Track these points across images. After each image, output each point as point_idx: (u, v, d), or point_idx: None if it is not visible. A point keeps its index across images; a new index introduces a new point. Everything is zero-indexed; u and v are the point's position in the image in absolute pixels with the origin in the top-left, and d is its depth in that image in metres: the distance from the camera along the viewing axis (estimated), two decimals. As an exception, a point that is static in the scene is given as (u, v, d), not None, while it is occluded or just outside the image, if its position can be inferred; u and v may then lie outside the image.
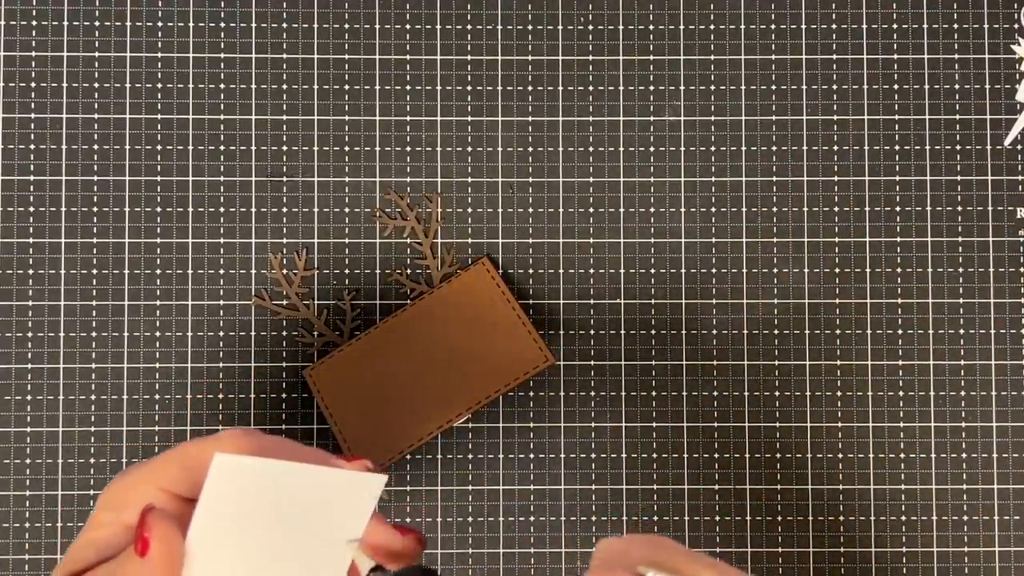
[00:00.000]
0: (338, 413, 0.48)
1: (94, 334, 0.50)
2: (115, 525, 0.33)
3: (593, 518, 0.50)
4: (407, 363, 0.49)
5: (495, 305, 0.49)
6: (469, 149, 0.51)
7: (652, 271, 0.51)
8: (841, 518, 0.50)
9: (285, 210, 0.50)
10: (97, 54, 0.50)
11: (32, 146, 0.50)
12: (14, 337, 0.49)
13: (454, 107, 0.51)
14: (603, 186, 0.51)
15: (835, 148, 0.51)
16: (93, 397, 0.49)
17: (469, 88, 0.51)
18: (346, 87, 0.51)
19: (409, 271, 0.50)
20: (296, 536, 0.31)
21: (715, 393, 0.50)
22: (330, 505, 0.31)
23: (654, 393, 0.50)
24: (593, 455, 0.50)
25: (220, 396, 0.50)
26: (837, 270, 0.51)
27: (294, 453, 0.33)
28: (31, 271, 0.50)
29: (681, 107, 0.51)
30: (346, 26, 0.51)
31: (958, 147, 0.51)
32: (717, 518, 0.50)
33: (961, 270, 0.51)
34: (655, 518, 0.50)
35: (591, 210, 0.51)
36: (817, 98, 0.51)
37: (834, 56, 0.51)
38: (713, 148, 0.51)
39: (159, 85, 0.50)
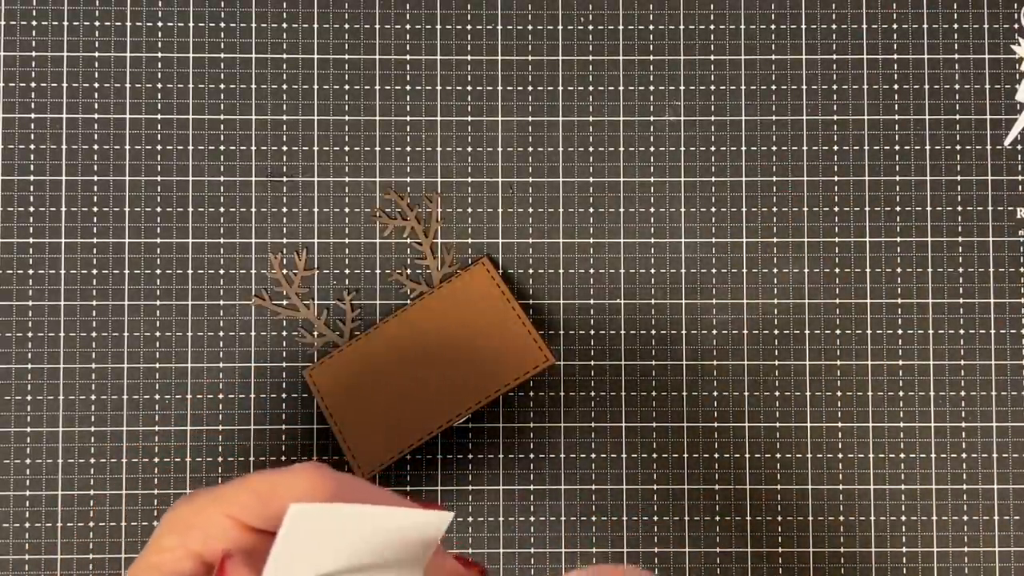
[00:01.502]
0: (338, 413, 0.48)
1: (94, 334, 0.50)
2: (180, 550, 0.32)
3: (593, 518, 0.50)
4: (407, 363, 0.49)
5: (495, 305, 0.49)
6: (469, 149, 0.51)
7: (652, 271, 0.51)
8: (841, 518, 0.50)
9: (285, 210, 0.50)
10: (97, 54, 0.50)
11: (32, 146, 0.50)
12: (14, 337, 0.49)
13: (454, 107, 0.51)
14: (603, 186, 0.51)
15: (835, 148, 0.51)
16: (93, 397, 0.49)
17: (469, 88, 0.51)
18: (346, 87, 0.51)
19: (409, 271, 0.50)
20: None
21: (715, 393, 0.50)
22: (397, 544, 0.31)
23: (654, 393, 0.50)
24: (593, 455, 0.50)
25: (220, 396, 0.50)
26: (837, 270, 0.51)
27: (366, 494, 0.33)
28: (31, 271, 0.50)
29: (681, 107, 0.51)
30: (346, 26, 0.51)
31: (958, 147, 0.51)
32: (717, 518, 0.50)
33: (961, 270, 0.51)
34: (655, 518, 0.50)
35: (591, 210, 0.51)
36: (817, 98, 0.51)
37: (834, 56, 0.51)
38: (713, 148, 0.51)
39: (159, 85, 0.50)
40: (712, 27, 0.51)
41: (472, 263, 0.50)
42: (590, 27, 0.51)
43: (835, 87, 0.51)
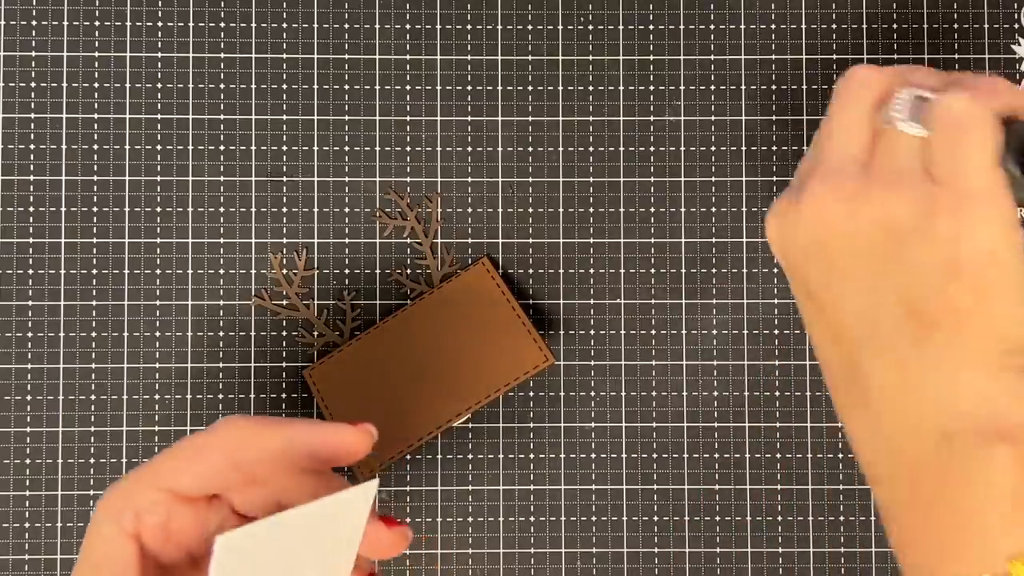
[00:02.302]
0: (338, 413, 0.48)
1: (94, 334, 0.50)
2: (118, 537, 0.32)
3: (593, 518, 0.50)
4: (407, 363, 0.49)
5: (495, 305, 0.49)
6: (469, 149, 0.51)
7: (652, 271, 0.51)
8: (841, 518, 0.50)
9: (285, 210, 0.50)
10: (97, 54, 0.50)
11: (32, 146, 0.50)
12: (14, 337, 0.49)
13: (454, 107, 0.51)
14: (603, 186, 0.51)
15: (835, 148, 0.51)
16: (93, 397, 0.49)
17: (469, 88, 0.51)
18: (346, 87, 0.51)
19: (409, 271, 0.50)
20: (305, 572, 0.31)
21: (715, 393, 0.50)
22: (330, 529, 0.31)
23: (654, 393, 0.50)
24: (593, 455, 0.50)
25: (220, 396, 0.50)
26: (837, 270, 0.51)
27: (292, 430, 0.34)
28: (31, 271, 0.50)
29: (681, 107, 0.51)
30: (346, 26, 0.51)
31: (958, 147, 0.51)
32: (717, 518, 0.50)
33: (961, 270, 0.51)
34: (655, 518, 0.50)
35: (591, 210, 0.51)
36: (817, 98, 0.51)
37: (834, 56, 0.51)
38: (713, 148, 0.51)
39: (159, 85, 0.50)
40: (712, 27, 0.51)
41: (472, 263, 0.50)
42: (590, 27, 0.51)
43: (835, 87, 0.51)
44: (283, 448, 0.34)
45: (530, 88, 0.51)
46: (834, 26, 0.51)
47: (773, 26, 0.51)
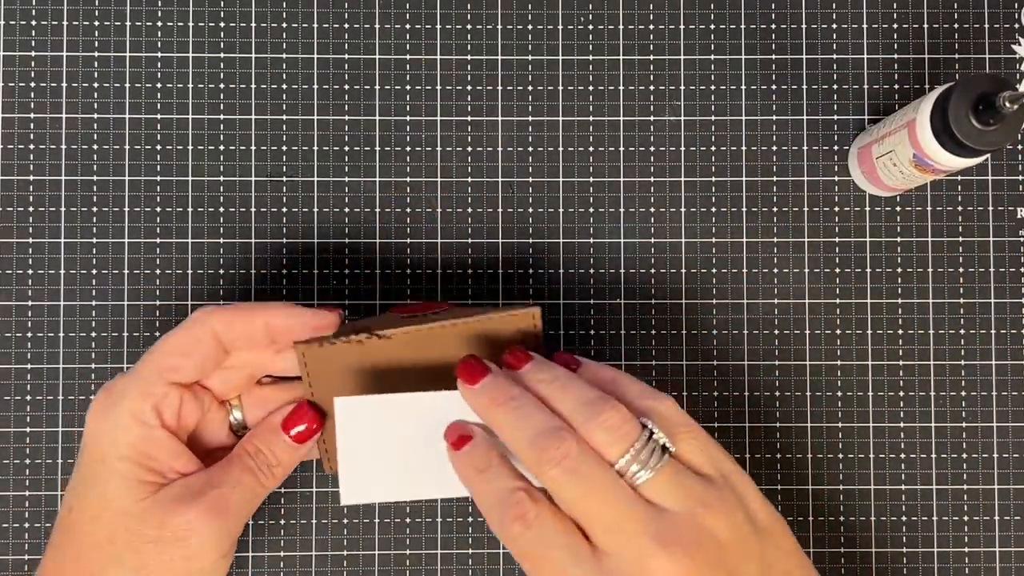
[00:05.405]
0: (325, 399, 0.41)
1: (94, 334, 0.50)
2: (154, 432, 0.39)
3: (593, 518, 0.50)
4: (413, 384, 0.41)
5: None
6: (469, 149, 0.51)
7: (652, 271, 0.51)
8: (841, 518, 0.50)
9: (285, 210, 0.50)
10: (97, 54, 0.50)
11: (32, 146, 0.50)
12: (14, 337, 0.49)
13: (454, 107, 0.51)
14: (603, 186, 0.51)
15: (835, 148, 0.51)
16: (92, 397, 0.49)
17: (469, 88, 0.51)
18: (346, 87, 0.51)
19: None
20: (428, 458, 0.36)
21: (715, 393, 0.50)
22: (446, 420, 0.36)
23: (654, 393, 0.50)
24: (593, 455, 0.50)
25: (220, 396, 0.49)
26: (837, 270, 0.51)
27: (268, 314, 0.40)
28: (31, 271, 0.50)
29: (681, 107, 0.51)
30: (346, 26, 0.51)
31: (958, 147, 0.51)
32: (717, 518, 0.50)
33: (961, 270, 0.51)
34: (655, 518, 0.50)
35: (591, 210, 0.51)
36: (817, 98, 0.51)
37: (834, 56, 0.51)
38: (713, 148, 0.51)
39: (159, 85, 0.50)
40: (712, 27, 0.51)
41: (521, 306, 0.43)
42: (590, 27, 0.51)
43: (835, 87, 0.51)
44: (263, 330, 0.40)
45: (530, 88, 0.51)
46: (834, 26, 0.51)
47: (773, 26, 0.51)
